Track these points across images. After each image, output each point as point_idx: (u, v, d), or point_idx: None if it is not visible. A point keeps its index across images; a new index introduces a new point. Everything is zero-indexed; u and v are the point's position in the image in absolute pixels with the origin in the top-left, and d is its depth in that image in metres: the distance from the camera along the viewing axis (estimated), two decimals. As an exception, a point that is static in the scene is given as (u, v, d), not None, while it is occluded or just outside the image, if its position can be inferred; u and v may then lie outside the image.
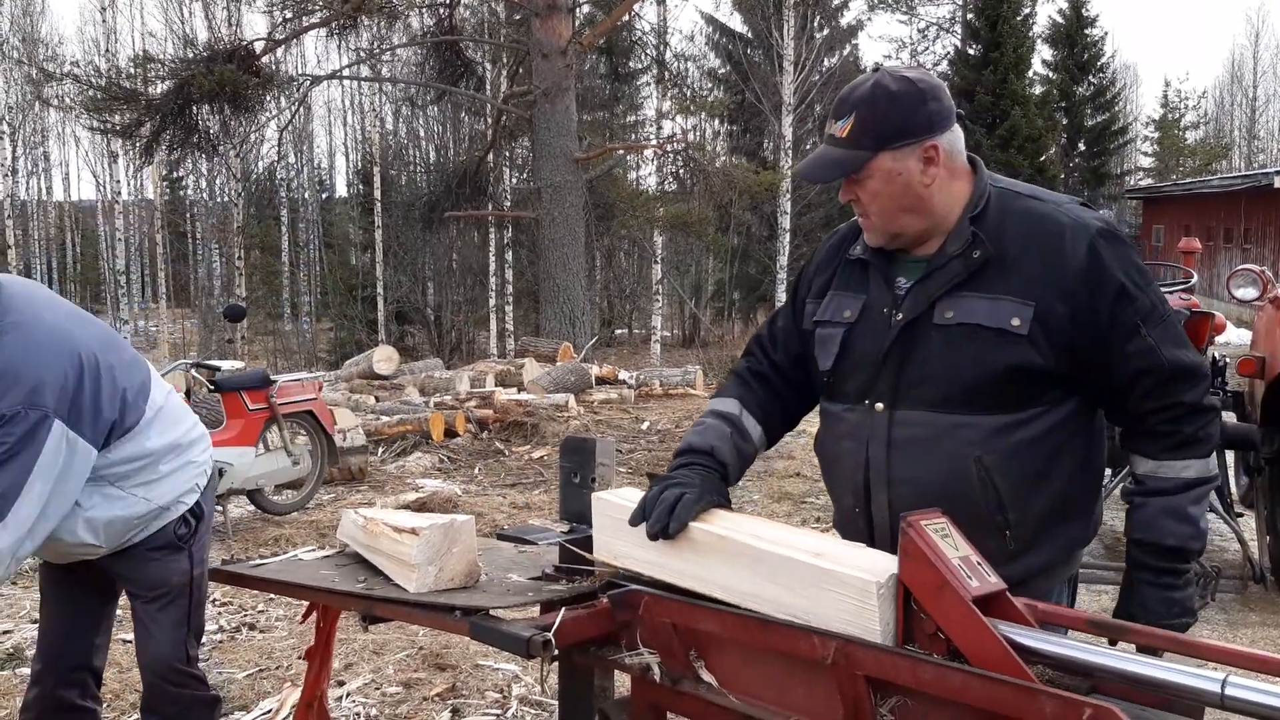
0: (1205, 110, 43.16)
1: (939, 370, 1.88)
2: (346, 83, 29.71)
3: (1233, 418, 5.59)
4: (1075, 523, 1.97)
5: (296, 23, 15.65)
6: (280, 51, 17.35)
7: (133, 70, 17.10)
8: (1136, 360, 1.83)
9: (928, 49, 37.65)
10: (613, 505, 2.02)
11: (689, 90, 25.41)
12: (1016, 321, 1.82)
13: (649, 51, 22.76)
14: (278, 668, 4.19)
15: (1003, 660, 1.46)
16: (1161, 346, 1.83)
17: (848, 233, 2.09)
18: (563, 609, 1.85)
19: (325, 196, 36.30)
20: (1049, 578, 1.93)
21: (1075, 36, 35.43)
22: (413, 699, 3.85)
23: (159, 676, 2.65)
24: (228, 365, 6.87)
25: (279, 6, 15.41)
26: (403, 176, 28.06)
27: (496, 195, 20.15)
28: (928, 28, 36.97)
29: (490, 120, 19.79)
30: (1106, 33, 42.99)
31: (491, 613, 1.96)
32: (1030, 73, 34.02)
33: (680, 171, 21.11)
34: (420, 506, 6.47)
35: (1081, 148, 37.14)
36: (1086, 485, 1.98)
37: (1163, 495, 1.85)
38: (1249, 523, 5.39)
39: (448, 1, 16.80)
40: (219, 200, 30.39)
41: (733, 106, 24.88)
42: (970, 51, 33.68)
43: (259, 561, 2.55)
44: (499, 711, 3.74)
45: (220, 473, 5.97)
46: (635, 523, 1.91)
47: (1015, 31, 31.67)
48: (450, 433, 9.15)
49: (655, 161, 22.79)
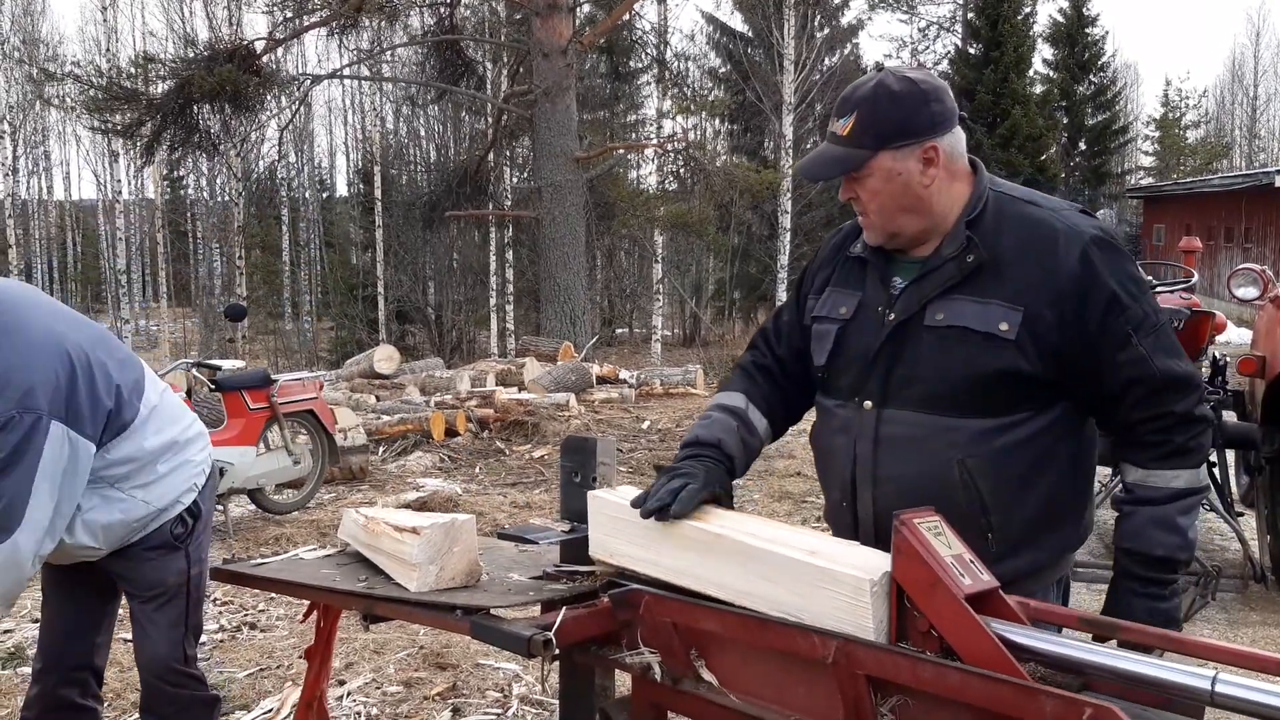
0: (1206, 109, 43.17)
1: (928, 371, 1.89)
2: (347, 82, 29.73)
3: (1233, 417, 5.60)
4: (1064, 527, 1.97)
5: (297, 22, 15.66)
6: (281, 51, 17.36)
7: (133, 70, 17.11)
8: (1128, 369, 1.84)
9: (928, 48, 37.64)
10: (609, 504, 2.02)
11: (689, 89, 25.42)
12: (1005, 326, 1.83)
13: (649, 51, 22.77)
14: (278, 667, 4.19)
15: (995, 658, 1.47)
16: (1153, 356, 1.83)
17: (850, 230, 2.10)
18: (563, 608, 1.86)
19: (326, 196, 36.29)
20: (1035, 580, 1.93)
21: (1076, 36, 35.42)
22: (413, 698, 3.85)
23: (156, 676, 2.65)
24: (229, 365, 6.88)
25: (279, 6, 15.41)
26: (403, 176, 28.05)
27: (497, 194, 20.15)
28: (928, 27, 36.96)
29: (491, 119, 19.79)
30: (1107, 32, 42.99)
31: (492, 612, 1.96)
32: (1031, 72, 34.01)
33: (681, 171, 21.12)
34: (421, 506, 6.47)
35: (1082, 147, 37.13)
36: (1075, 490, 1.98)
37: (1151, 505, 1.86)
38: (1249, 522, 5.38)
39: (448, 1, 16.81)
40: (220, 200, 30.39)
41: (733, 106, 24.87)
42: (971, 51, 33.67)
43: (260, 561, 2.55)
44: (500, 711, 3.75)
45: (221, 472, 5.97)
46: (637, 505, 1.92)
47: (1016, 30, 31.66)
48: (451, 432, 9.15)
49: (656, 161, 22.77)
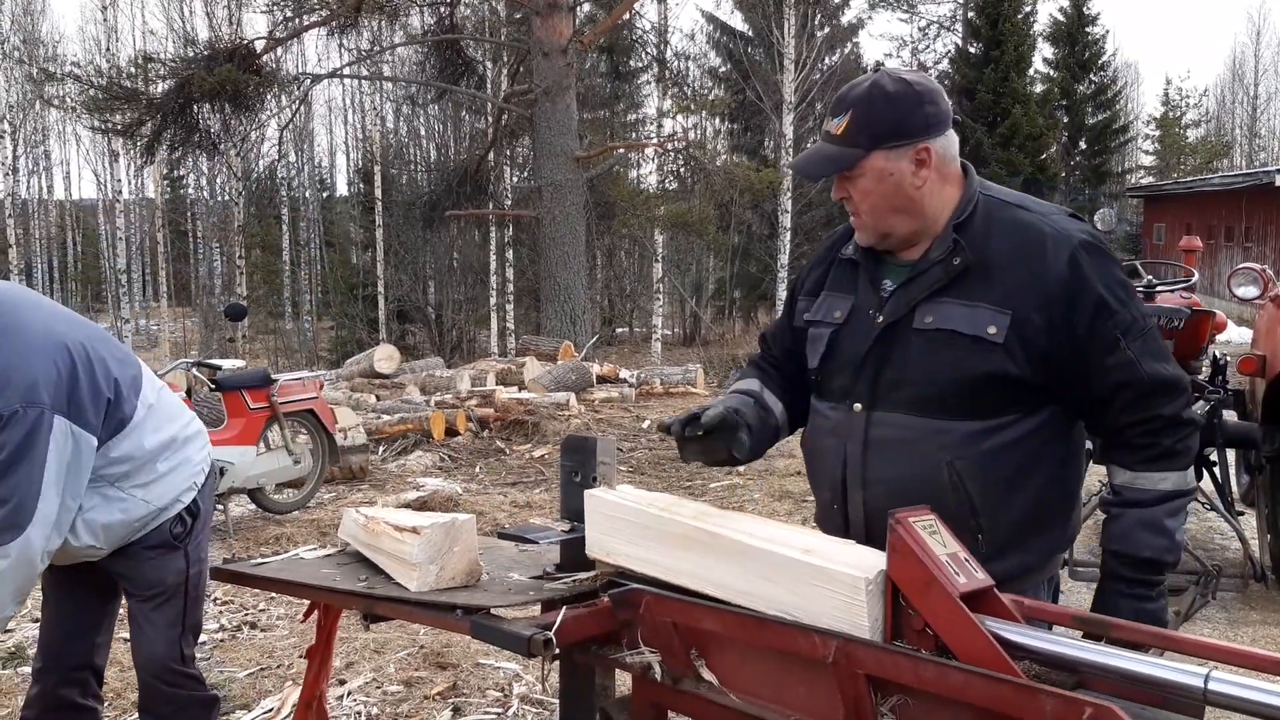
0: (1206, 108, 43.15)
1: (916, 374, 1.91)
2: (347, 81, 29.71)
3: (1234, 416, 5.59)
4: (1052, 529, 1.99)
5: (297, 22, 15.65)
6: (280, 50, 17.36)
7: (133, 70, 17.11)
8: (1116, 373, 1.85)
9: (928, 47, 37.64)
10: (606, 503, 2.03)
11: (689, 89, 25.41)
12: (993, 330, 1.85)
13: (649, 50, 22.76)
14: (279, 666, 4.19)
15: (989, 656, 1.48)
16: (1141, 360, 1.85)
17: (844, 233, 2.12)
18: (564, 608, 1.86)
19: (326, 195, 36.29)
20: (1024, 581, 1.94)
21: (1076, 35, 35.41)
22: (414, 698, 3.85)
23: (153, 676, 2.66)
24: (229, 364, 6.87)
25: (279, 6, 15.41)
26: (403, 175, 28.04)
27: (497, 194, 20.14)
28: (928, 26, 36.95)
29: (491, 119, 19.78)
30: (1108, 31, 42.97)
31: (492, 611, 1.96)
32: (1031, 71, 34.01)
33: (681, 170, 21.11)
34: (421, 505, 6.47)
35: (1082, 146, 37.12)
36: (1063, 493, 1.99)
37: (1139, 507, 1.88)
38: (1250, 521, 5.39)
39: (448, 0, 16.80)
40: (220, 199, 30.39)
41: (733, 105, 24.86)
42: (971, 50, 33.66)
43: (260, 560, 2.55)
44: (500, 710, 3.75)
45: (221, 472, 5.97)
46: (663, 429, 2.07)
47: (1016, 30, 31.65)
48: (451, 431, 9.15)
49: (656, 160, 22.75)
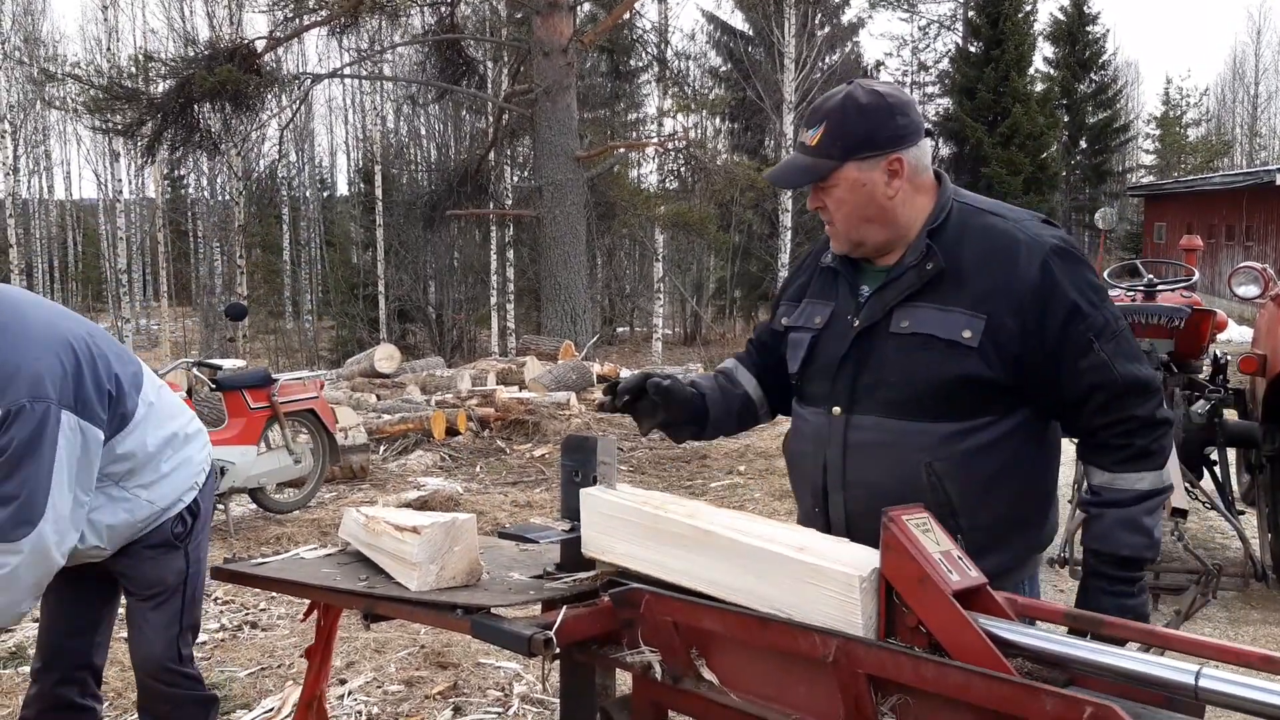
0: (1207, 107, 43.12)
1: (893, 377, 1.94)
2: (347, 81, 29.75)
3: (1234, 415, 5.59)
4: (1030, 528, 2.03)
5: (297, 21, 15.65)
6: (281, 50, 17.36)
7: (134, 69, 17.11)
8: (1090, 375, 1.88)
9: (929, 46, 37.65)
10: (602, 501, 2.03)
11: (690, 88, 25.40)
12: (968, 334, 1.88)
13: (650, 49, 22.75)
14: (279, 666, 4.19)
15: (982, 653, 1.48)
16: (1115, 361, 1.88)
17: (826, 241, 2.15)
18: (564, 607, 1.86)
19: (326, 195, 36.32)
20: (1004, 580, 1.94)
21: (1077, 34, 35.41)
22: (414, 697, 3.85)
23: (151, 675, 2.66)
24: (229, 364, 6.87)
25: (279, 5, 15.41)
26: (404, 175, 28.04)
27: (498, 193, 20.14)
28: (929, 25, 36.96)
29: (491, 118, 19.78)
30: (1108, 30, 42.93)
31: (493, 611, 1.96)
32: (1031, 70, 34.02)
33: (681, 169, 21.11)
34: (422, 505, 6.47)
35: (1083, 145, 37.12)
36: (1040, 492, 2.03)
37: (1118, 507, 1.90)
38: (1250, 520, 5.38)
39: (448, 0, 16.80)
40: (220, 199, 30.38)
41: (734, 104, 24.88)
42: (971, 49, 33.66)
43: (261, 560, 2.55)
44: (500, 710, 3.75)
45: (222, 471, 5.97)
46: (607, 392, 2.17)
47: (1017, 29, 31.65)
48: (452, 431, 9.15)
49: (656, 159, 22.78)
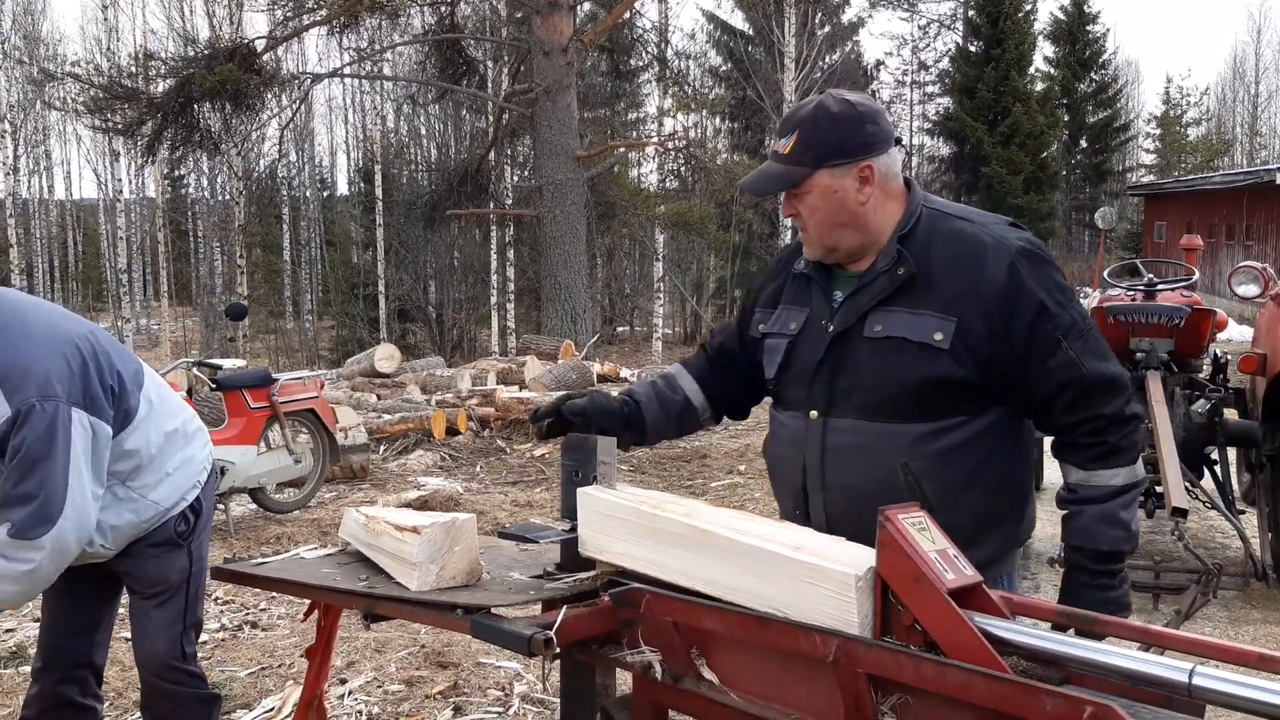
0: (1207, 107, 43.08)
1: (868, 380, 1.98)
2: (348, 81, 29.72)
3: (1234, 414, 5.59)
4: (1007, 524, 2.08)
5: (297, 21, 15.65)
6: (281, 50, 17.35)
7: (134, 68, 17.11)
8: (1058, 374, 1.93)
9: (929, 45, 37.65)
10: (600, 501, 2.04)
11: (690, 88, 25.40)
12: (939, 336, 1.93)
13: (650, 49, 22.76)
14: (280, 666, 4.19)
15: (977, 651, 1.49)
16: (1083, 359, 1.92)
17: (797, 247, 2.19)
18: (564, 607, 1.86)
19: (326, 194, 36.31)
20: (985, 574, 1.94)
21: (1077, 33, 35.42)
22: (415, 697, 3.85)
23: (154, 674, 2.67)
24: (229, 364, 6.87)
25: (279, 4, 15.40)
26: (404, 175, 28.04)
27: (498, 193, 20.14)
28: (929, 24, 36.95)
29: (491, 118, 19.78)
30: (1108, 29, 42.81)
31: (493, 611, 1.96)
32: (1032, 69, 34.02)
33: (681, 169, 21.13)
34: (422, 505, 6.47)
35: (1083, 144, 37.13)
36: (1015, 489, 2.08)
37: (1095, 503, 1.95)
38: (1251, 519, 5.38)
39: (448, 0, 16.80)
40: (220, 199, 30.38)
41: (734, 104, 24.87)
42: (972, 48, 33.67)
43: (261, 560, 2.55)
44: (501, 709, 3.75)
45: (222, 471, 5.97)
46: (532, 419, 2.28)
47: (1017, 28, 31.66)
48: (452, 431, 9.15)
49: (656, 159, 22.78)
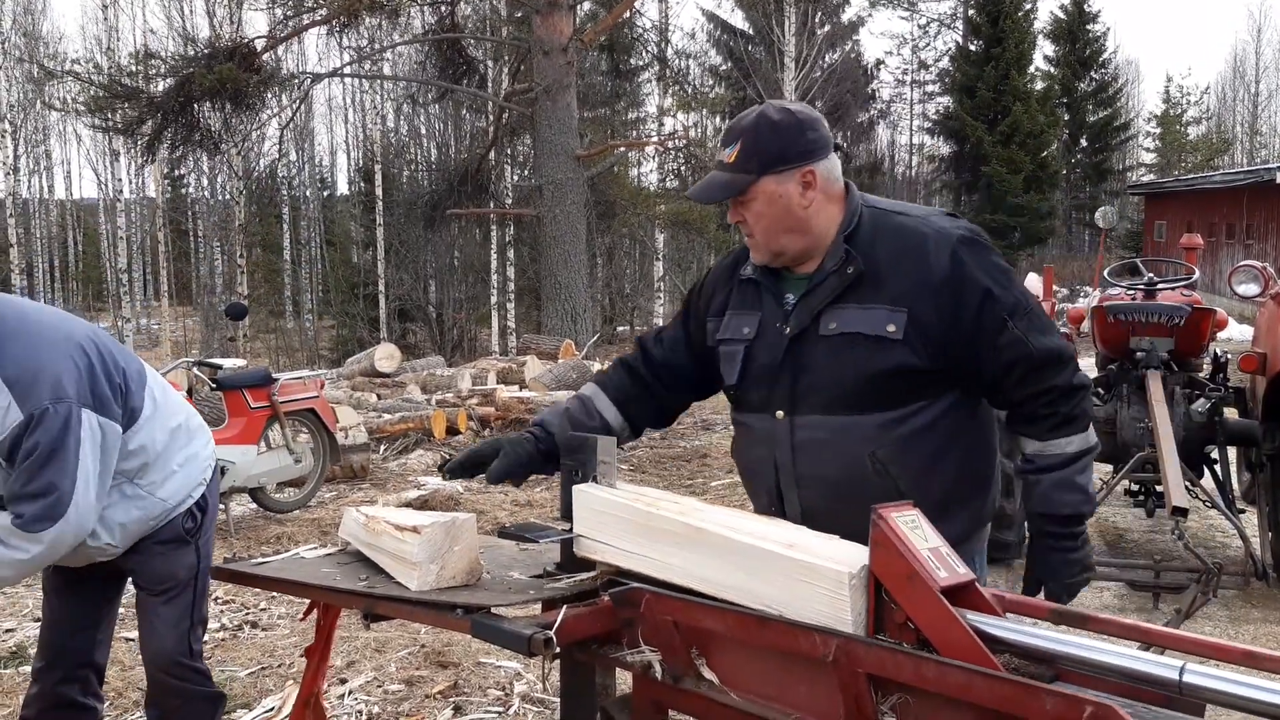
0: (1207, 106, 43.05)
1: (828, 377, 2.05)
2: (348, 80, 29.70)
3: (1234, 414, 5.59)
4: (973, 502, 2.16)
5: (297, 20, 15.65)
6: (281, 49, 17.35)
7: (134, 67, 17.11)
8: (1007, 352, 2.01)
9: (929, 45, 37.67)
10: (595, 498, 2.04)
11: (690, 87, 25.40)
12: (892, 328, 2.00)
13: (650, 48, 22.76)
14: (280, 665, 4.19)
15: (969, 649, 1.50)
16: (1029, 336, 2.01)
17: (739, 254, 2.25)
18: (564, 607, 1.86)
19: (326, 194, 36.31)
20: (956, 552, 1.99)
21: (1077, 32, 35.40)
22: (415, 696, 3.85)
23: (161, 670, 2.68)
24: (229, 363, 6.87)
25: (279, 4, 15.40)
26: (404, 174, 28.03)
27: (498, 193, 20.14)
28: (929, 23, 36.98)
29: (492, 118, 19.78)
30: (1108, 28, 42.83)
31: (493, 611, 1.96)
32: (1032, 68, 34.02)
33: (681, 168, 21.12)
34: (422, 504, 6.47)
35: (1083, 143, 37.12)
36: (979, 467, 2.17)
37: (1052, 471, 2.06)
38: (1251, 519, 5.38)
39: (448, -1, 16.80)
40: (221, 198, 30.39)
41: (734, 103, 24.85)
42: (972, 47, 33.66)
43: (261, 560, 2.56)
44: (501, 709, 3.75)
45: (222, 471, 5.97)
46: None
47: (1017, 27, 31.65)
48: (452, 430, 9.15)
49: (657, 158, 22.79)
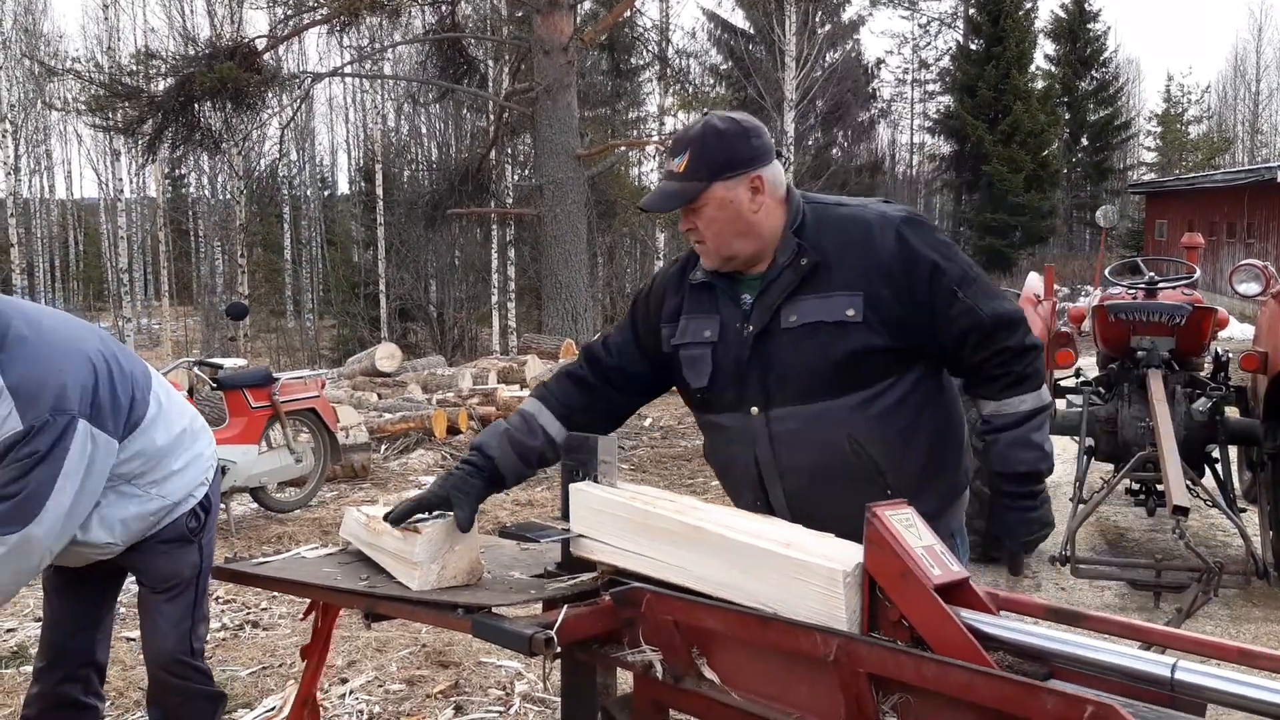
0: (1208, 105, 43.03)
1: (795, 368, 2.11)
2: (348, 80, 29.71)
3: (1235, 413, 5.59)
4: (948, 472, 2.25)
5: (298, 20, 15.64)
6: (281, 49, 17.34)
7: (135, 67, 17.11)
8: (960, 321, 2.09)
9: (930, 44, 37.65)
10: (592, 497, 2.05)
11: (691, 86, 25.39)
12: (851, 311, 2.08)
13: (651, 48, 22.74)
14: (281, 665, 4.19)
15: (963, 647, 1.50)
16: (979, 303, 2.09)
17: (687, 260, 2.30)
18: (565, 606, 1.86)
19: (327, 194, 36.31)
20: (935, 525, 1.98)
21: (1078, 31, 35.39)
22: (416, 696, 3.85)
23: (162, 668, 2.68)
24: (230, 363, 6.86)
25: (280, 3, 15.39)
26: (405, 174, 28.04)
27: (498, 192, 20.12)
28: (930, 22, 36.96)
29: (492, 117, 19.77)
30: (1109, 27, 42.81)
31: (494, 610, 1.97)
32: (1032, 67, 34.01)
33: (682, 168, 21.01)
34: (423, 504, 6.45)
35: (1084, 142, 37.11)
36: (951, 437, 2.25)
37: (1008, 430, 2.13)
38: (1252, 518, 5.38)
39: (449, -1, 16.78)
40: (221, 198, 30.39)
41: (735, 103, 24.83)
42: (972, 46, 33.65)
43: (262, 560, 2.56)
44: (502, 709, 3.75)
45: (223, 471, 5.95)
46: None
47: (1017, 26, 31.65)
48: (453, 430, 9.15)
49: (657, 158, 22.72)
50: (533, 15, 15.22)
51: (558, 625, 1.80)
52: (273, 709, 3.73)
